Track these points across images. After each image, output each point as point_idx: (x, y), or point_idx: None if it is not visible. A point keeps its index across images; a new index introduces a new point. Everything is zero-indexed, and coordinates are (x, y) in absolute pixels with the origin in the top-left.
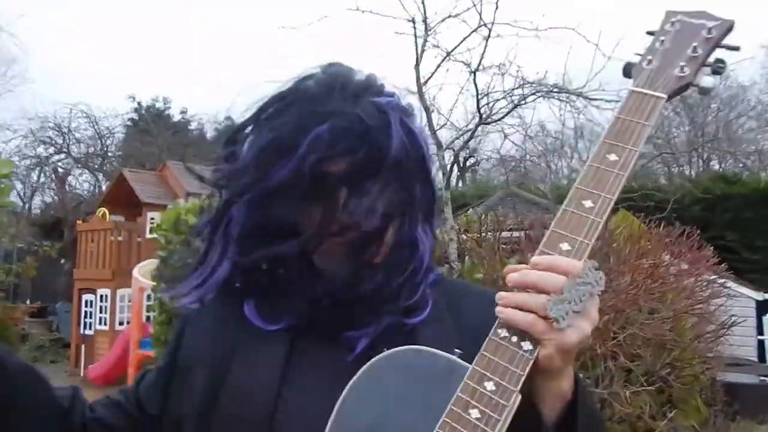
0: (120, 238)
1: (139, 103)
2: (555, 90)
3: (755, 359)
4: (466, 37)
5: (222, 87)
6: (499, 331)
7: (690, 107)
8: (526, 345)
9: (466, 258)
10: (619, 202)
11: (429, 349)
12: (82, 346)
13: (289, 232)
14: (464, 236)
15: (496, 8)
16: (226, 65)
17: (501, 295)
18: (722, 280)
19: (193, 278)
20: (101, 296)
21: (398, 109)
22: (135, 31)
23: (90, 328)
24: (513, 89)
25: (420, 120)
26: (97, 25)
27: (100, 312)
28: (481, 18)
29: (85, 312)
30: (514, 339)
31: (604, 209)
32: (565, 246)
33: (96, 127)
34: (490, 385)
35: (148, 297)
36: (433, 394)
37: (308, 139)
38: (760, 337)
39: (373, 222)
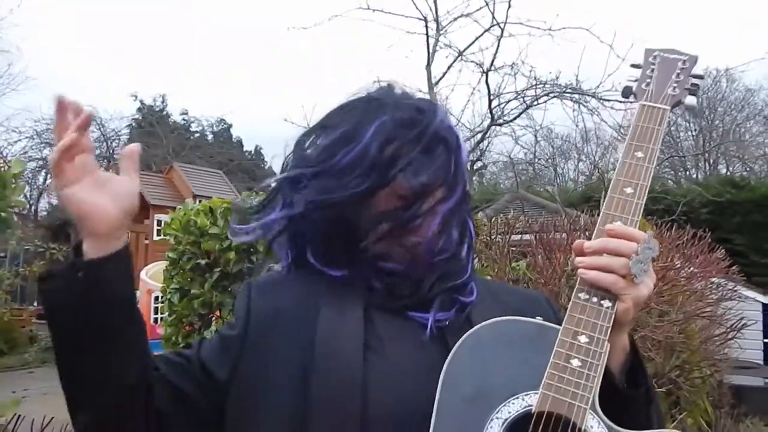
0: (127, 241)
1: (142, 102)
2: (568, 91)
3: (761, 362)
4: (479, 36)
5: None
6: (580, 294)
7: (697, 112)
8: (606, 303)
9: (476, 260)
10: None
11: (519, 318)
12: None
13: (351, 207)
14: None
15: (509, 7)
16: (229, 66)
17: (582, 260)
18: (732, 285)
19: (258, 218)
20: None
21: (442, 109)
22: (139, 32)
23: None
24: (525, 90)
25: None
26: (99, 26)
27: None
28: (494, 17)
29: None
30: (595, 299)
31: (642, 193)
32: (618, 223)
33: (102, 129)
34: (583, 338)
35: (156, 299)
36: (531, 353)
37: (374, 126)
38: (766, 340)
39: (421, 182)
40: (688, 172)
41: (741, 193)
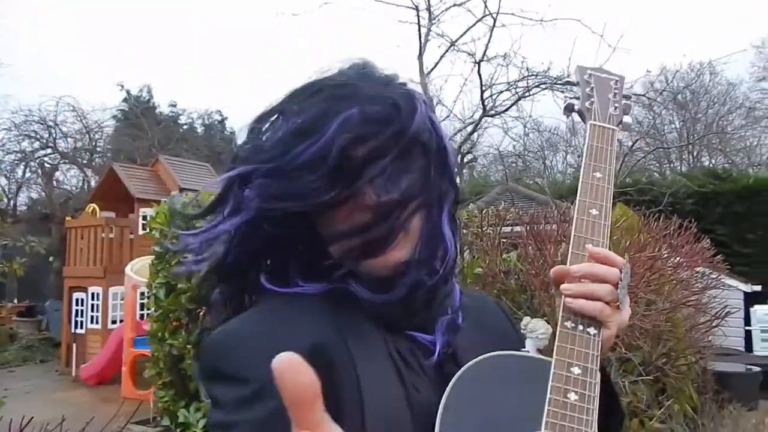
0: (111, 235)
1: (128, 92)
2: (560, 82)
3: (743, 349)
4: (472, 26)
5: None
6: (567, 323)
7: (681, 105)
8: (592, 330)
9: (466, 252)
10: (616, 197)
11: (509, 352)
12: (74, 346)
13: (304, 213)
14: (464, 231)
15: None
16: (219, 58)
17: (568, 288)
18: (716, 274)
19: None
20: (93, 294)
21: (423, 101)
22: (123, 23)
23: (81, 327)
24: (517, 81)
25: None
26: (81, 16)
27: (92, 310)
28: (486, 7)
29: (76, 311)
30: (581, 327)
31: (607, 214)
32: (590, 246)
33: (84, 121)
34: (576, 370)
35: (142, 295)
36: (526, 390)
37: (339, 120)
38: (747, 328)
39: (394, 198)
40: (672, 165)
41: (724, 185)
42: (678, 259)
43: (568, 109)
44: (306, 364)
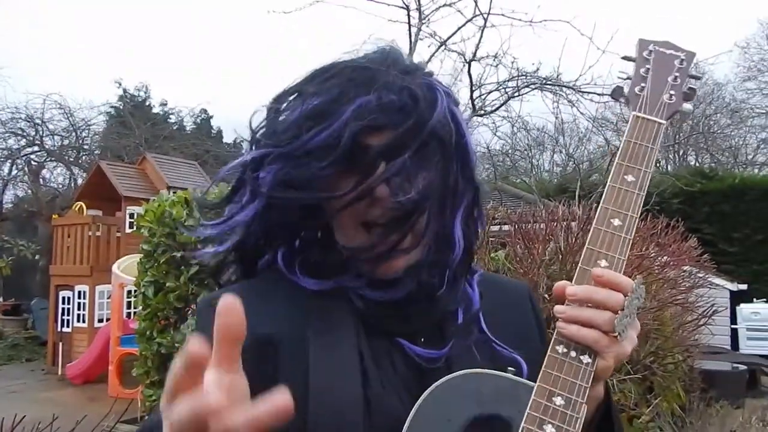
0: (98, 233)
1: (125, 90)
2: (549, 83)
3: (729, 347)
4: (462, 26)
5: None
6: (558, 347)
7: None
8: (586, 358)
9: None
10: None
11: (489, 371)
12: (60, 344)
13: (315, 205)
14: None
15: None
16: (208, 57)
17: (563, 312)
18: (702, 273)
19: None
20: (79, 293)
21: (447, 94)
22: (121, 22)
23: (68, 326)
24: (507, 81)
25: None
26: (68, 12)
27: (79, 309)
28: (477, 7)
29: (63, 309)
30: (574, 354)
31: (631, 226)
32: (603, 263)
33: (71, 118)
34: (558, 400)
35: (128, 293)
36: (503, 413)
37: (354, 106)
38: (733, 326)
39: (409, 197)
40: (658, 164)
41: (710, 184)
42: (665, 258)
43: (616, 94)
44: (239, 306)
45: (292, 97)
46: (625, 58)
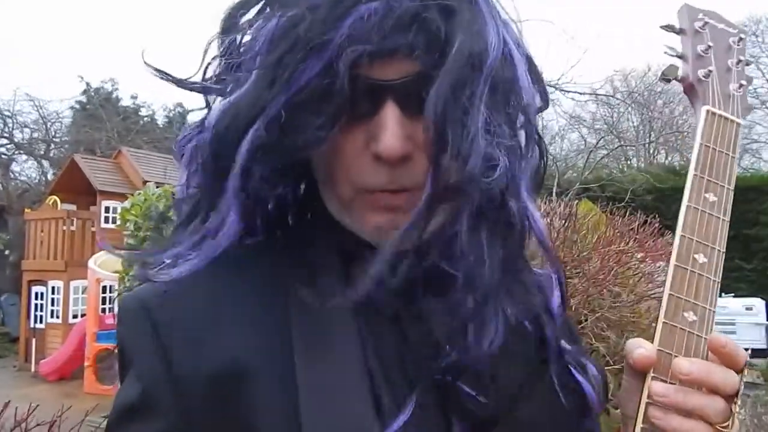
0: (72, 228)
1: (88, 84)
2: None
3: None
4: None
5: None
6: None
7: (640, 104)
8: None
9: None
10: (579, 192)
11: None
12: (33, 340)
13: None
14: None
15: None
16: (181, 49)
17: (664, 394)
18: None
19: (182, 239)
20: (53, 288)
21: (494, 7)
22: (83, 11)
23: (41, 322)
24: None
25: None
26: (40, 4)
27: (52, 304)
28: None
29: (36, 305)
30: None
31: (719, 265)
32: (691, 316)
33: (41, 111)
34: None
35: (104, 288)
36: None
37: (347, 22)
38: None
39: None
40: (629, 161)
41: (681, 181)
42: (641, 255)
43: (668, 75)
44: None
45: (253, 10)
46: (666, 27)
